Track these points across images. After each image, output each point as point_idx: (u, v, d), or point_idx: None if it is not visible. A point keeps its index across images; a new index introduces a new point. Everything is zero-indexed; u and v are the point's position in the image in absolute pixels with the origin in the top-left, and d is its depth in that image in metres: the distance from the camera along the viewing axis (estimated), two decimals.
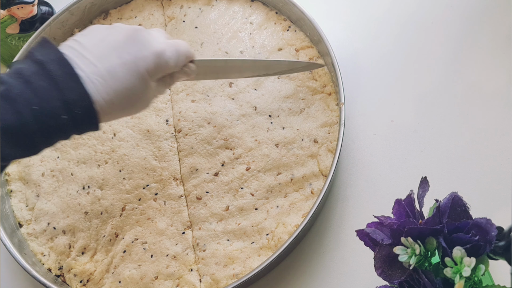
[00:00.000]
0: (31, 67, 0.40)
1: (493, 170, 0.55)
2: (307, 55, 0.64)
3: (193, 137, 0.61)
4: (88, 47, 0.43)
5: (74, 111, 0.40)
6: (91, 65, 0.42)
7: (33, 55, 0.41)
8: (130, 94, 0.44)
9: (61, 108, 0.39)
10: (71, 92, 0.40)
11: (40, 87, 0.39)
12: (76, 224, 0.60)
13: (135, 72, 0.43)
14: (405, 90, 0.62)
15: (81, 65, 0.41)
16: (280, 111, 0.60)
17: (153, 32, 0.46)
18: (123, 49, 0.44)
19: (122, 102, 0.43)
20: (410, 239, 0.35)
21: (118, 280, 0.56)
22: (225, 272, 0.53)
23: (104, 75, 0.42)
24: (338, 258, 0.55)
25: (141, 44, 0.44)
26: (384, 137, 0.60)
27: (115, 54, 0.43)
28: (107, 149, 0.62)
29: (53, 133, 0.40)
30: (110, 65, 0.42)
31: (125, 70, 0.43)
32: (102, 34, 0.44)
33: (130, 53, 0.44)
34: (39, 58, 0.40)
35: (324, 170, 0.56)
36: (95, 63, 0.42)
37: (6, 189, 0.63)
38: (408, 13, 0.68)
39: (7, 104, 0.38)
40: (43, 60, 0.40)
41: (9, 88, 0.38)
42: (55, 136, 0.41)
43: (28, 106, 0.38)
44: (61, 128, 0.40)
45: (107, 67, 0.42)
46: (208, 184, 0.58)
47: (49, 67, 0.40)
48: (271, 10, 0.68)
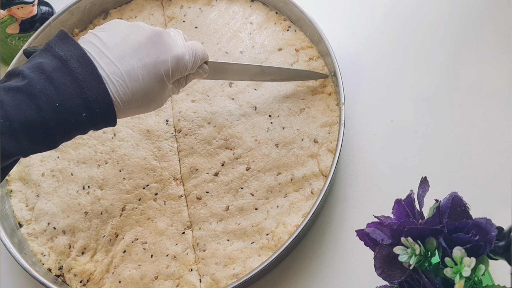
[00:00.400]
0: (53, 62, 0.40)
1: (493, 170, 0.55)
2: (307, 55, 0.64)
3: (193, 137, 0.61)
4: (109, 46, 0.43)
5: (94, 109, 0.41)
6: (112, 64, 0.42)
7: (53, 49, 0.41)
8: (147, 95, 0.44)
9: (82, 106, 0.40)
10: (93, 91, 0.40)
11: (63, 84, 0.39)
12: (76, 224, 0.60)
13: (154, 75, 0.44)
14: (405, 90, 0.62)
15: (102, 64, 0.41)
16: (280, 111, 0.60)
17: (172, 33, 0.47)
18: (143, 51, 0.44)
19: (138, 102, 0.44)
20: (410, 239, 0.35)
21: (118, 280, 0.56)
22: (225, 272, 0.53)
23: (123, 76, 0.42)
24: (338, 258, 0.55)
25: (162, 48, 0.45)
26: (384, 137, 0.60)
27: (136, 56, 0.43)
28: (107, 149, 0.62)
29: (72, 129, 0.41)
30: (131, 66, 0.43)
31: (144, 72, 0.43)
32: (124, 33, 0.44)
33: (150, 56, 0.44)
34: (61, 53, 0.40)
35: (324, 170, 0.56)
36: (115, 63, 0.42)
37: (6, 189, 0.63)
38: (408, 13, 0.68)
39: (30, 100, 0.38)
40: (65, 57, 0.40)
41: (32, 84, 0.39)
42: (73, 131, 0.42)
43: (50, 103, 0.39)
44: (80, 124, 0.41)
45: (128, 68, 0.42)
46: (208, 184, 0.58)
47: (71, 64, 0.40)
48: (271, 10, 0.68)
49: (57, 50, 0.41)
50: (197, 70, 0.51)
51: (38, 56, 0.41)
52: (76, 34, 0.72)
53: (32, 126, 0.38)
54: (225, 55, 0.65)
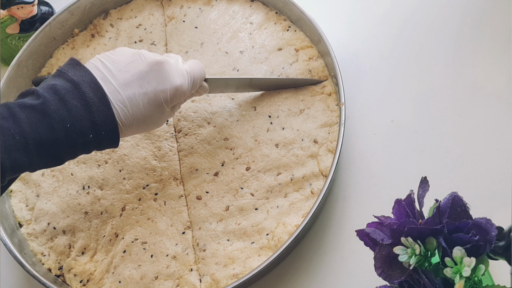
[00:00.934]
0: (66, 85, 0.43)
1: (493, 170, 0.55)
2: (307, 55, 0.64)
3: (193, 137, 0.61)
4: (114, 73, 0.46)
5: (101, 132, 0.44)
6: (115, 91, 0.45)
7: (66, 74, 0.44)
8: (146, 119, 0.47)
9: (90, 128, 0.43)
10: (101, 114, 0.43)
11: (74, 106, 0.42)
12: (76, 224, 0.60)
13: (154, 102, 0.47)
14: (405, 90, 0.62)
15: (106, 90, 0.44)
16: (279, 111, 0.60)
17: (173, 62, 0.49)
18: (145, 79, 0.46)
19: (138, 125, 0.47)
20: (410, 239, 0.35)
21: (118, 280, 0.56)
22: (225, 272, 0.53)
23: (125, 102, 0.45)
24: (338, 258, 0.55)
25: (162, 77, 0.47)
26: (384, 137, 0.60)
27: (137, 83, 0.46)
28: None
29: (79, 148, 0.44)
30: (132, 93, 0.45)
31: (145, 99, 0.46)
32: (127, 60, 0.47)
33: (151, 84, 0.47)
34: (73, 78, 0.44)
35: (324, 170, 0.56)
36: (118, 90, 0.45)
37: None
38: (408, 13, 0.68)
39: (44, 119, 0.41)
40: (77, 81, 0.43)
41: (46, 103, 0.41)
42: (80, 151, 0.45)
43: (62, 123, 0.42)
44: (87, 145, 0.44)
45: (130, 95, 0.45)
46: (208, 184, 0.58)
47: (83, 89, 0.43)
48: (271, 10, 0.68)
49: (69, 75, 0.44)
50: (197, 90, 0.54)
51: (51, 79, 0.44)
52: (76, 34, 0.72)
53: (44, 144, 0.41)
54: (225, 55, 0.65)
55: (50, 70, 0.70)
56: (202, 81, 0.54)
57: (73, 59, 0.46)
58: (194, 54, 0.66)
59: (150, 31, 0.70)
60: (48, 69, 0.70)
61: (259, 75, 0.63)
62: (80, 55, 0.70)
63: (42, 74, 0.70)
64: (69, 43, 0.72)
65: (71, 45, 0.72)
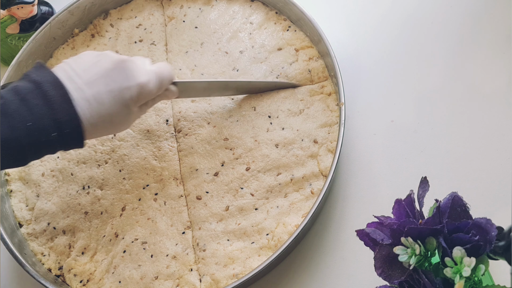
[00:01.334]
0: (27, 85, 0.43)
1: (493, 170, 0.55)
2: (307, 55, 0.64)
3: (193, 137, 0.61)
4: (78, 72, 0.46)
5: (64, 130, 0.43)
6: (79, 89, 0.45)
7: (29, 76, 0.44)
8: (113, 118, 0.47)
9: (52, 126, 0.43)
10: (63, 112, 0.43)
11: (35, 105, 0.42)
12: (76, 224, 0.60)
13: (119, 100, 0.47)
14: (405, 90, 0.62)
15: (72, 89, 0.44)
16: (279, 111, 0.60)
17: (138, 61, 0.49)
18: (110, 77, 0.47)
19: (105, 125, 0.47)
20: (410, 239, 0.35)
21: (118, 280, 0.56)
22: (225, 272, 0.53)
23: (90, 100, 0.45)
24: (338, 258, 0.55)
25: (126, 75, 0.47)
26: (384, 137, 0.60)
27: (103, 81, 0.46)
28: (107, 149, 0.62)
29: (42, 148, 0.44)
30: (97, 91, 0.46)
31: (110, 97, 0.46)
32: (92, 61, 0.47)
33: (116, 82, 0.47)
34: (36, 78, 0.44)
35: (324, 170, 0.56)
36: (83, 88, 0.45)
37: (6, 189, 0.63)
38: (408, 13, 0.68)
39: (4, 119, 0.41)
40: (39, 80, 0.43)
41: (7, 103, 0.42)
42: (43, 150, 0.45)
43: (23, 122, 0.42)
44: (50, 144, 0.44)
45: (94, 93, 0.45)
46: (208, 184, 0.58)
47: (44, 87, 0.43)
48: (271, 10, 0.68)
49: (32, 76, 0.44)
50: (164, 92, 0.53)
51: (15, 82, 0.45)
52: (76, 34, 0.72)
53: (5, 143, 0.41)
54: (225, 55, 0.65)
55: None
56: (170, 84, 0.53)
57: (39, 62, 0.47)
58: (194, 54, 0.66)
59: (150, 31, 0.70)
60: None
61: (258, 74, 0.63)
62: None
63: None
64: (69, 43, 0.72)
65: (71, 45, 0.72)
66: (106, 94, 0.46)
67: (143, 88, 0.48)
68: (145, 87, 0.48)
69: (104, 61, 0.48)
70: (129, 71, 0.48)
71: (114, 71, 0.47)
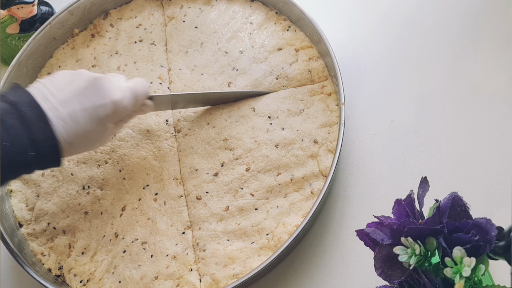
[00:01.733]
0: (4, 106, 0.44)
1: (493, 170, 0.55)
2: (307, 55, 0.64)
3: (193, 138, 0.61)
4: (52, 91, 0.46)
5: (41, 149, 0.44)
6: (54, 109, 0.45)
7: (5, 97, 0.45)
8: (88, 136, 0.48)
9: (29, 146, 0.43)
10: (40, 132, 0.43)
11: (12, 125, 0.43)
12: (76, 224, 0.60)
13: (94, 118, 0.47)
14: (405, 90, 0.62)
15: (47, 108, 0.45)
16: (279, 112, 0.60)
17: (113, 78, 0.50)
18: (84, 95, 0.47)
19: (81, 142, 0.47)
20: (410, 239, 0.35)
21: (118, 280, 0.56)
22: (225, 272, 0.53)
23: (65, 118, 0.45)
24: (338, 258, 0.55)
25: (101, 92, 0.48)
26: (384, 137, 0.60)
27: (77, 100, 0.47)
28: (107, 149, 0.62)
29: (19, 167, 0.44)
30: (72, 110, 0.46)
31: (85, 115, 0.47)
32: (67, 80, 0.48)
33: (90, 100, 0.47)
34: (12, 99, 0.44)
35: (324, 170, 0.56)
36: (57, 107, 0.45)
37: (6, 189, 0.63)
38: (408, 13, 0.68)
39: None
40: (15, 101, 0.44)
41: None
42: (20, 170, 0.45)
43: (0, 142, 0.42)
44: (27, 163, 0.44)
45: (69, 111, 0.46)
46: (208, 184, 0.58)
47: (21, 108, 0.43)
48: (271, 10, 0.68)
49: (8, 97, 0.44)
50: (140, 107, 0.54)
51: None
52: (76, 34, 0.72)
53: None
54: (225, 55, 0.65)
55: (50, 70, 0.70)
56: (146, 99, 0.54)
57: (15, 83, 0.47)
58: (194, 54, 0.66)
59: (150, 31, 0.70)
60: (48, 69, 0.70)
61: (258, 75, 0.63)
62: (80, 55, 0.70)
63: (42, 74, 0.70)
64: (69, 43, 0.72)
65: (71, 45, 0.72)
66: (81, 112, 0.46)
67: (117, 105, 0.49)
68: (119, 104, 0.49)
69: (78, 79, 0.48)
70: (103, 88, 0.48)
71: (88, 89, 0.47)
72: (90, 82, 0.48)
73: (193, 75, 0.65)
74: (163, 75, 0.66)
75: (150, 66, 0.67)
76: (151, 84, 0.66)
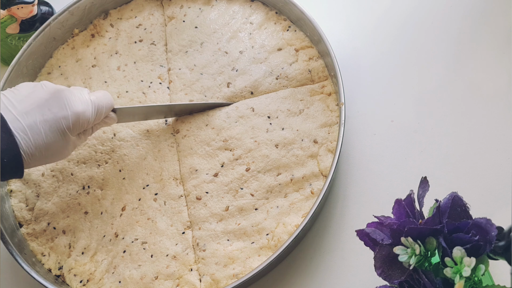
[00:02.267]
0: None
1: (493, 170, 0.55)
2: (307, 55, 0.64)
3: (192, 138, 0.61)
4: (13, 103, 0.46)
5: (2, 159, 0.44)
6: (15, 120, 0.45)
7: None
8: (50, 148, 0.47)
9: None
10: (2, 142, 0.43)
11: None
12: (76, 224, 0.60)
13: (56, 129, 0.47)
14: (405, 90, 0.62)
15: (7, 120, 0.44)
16: (279, 112, 0.60)
17: (75, 91, 0.50)
18: (45, 106, 0.47)
19: (42, 154, 0.47)
20: (410, 239, 0.35)
21: (118, 280, 0.56)
22: (225, 272, 0.53)
23: (26, 130, 0.45)
24: (338, 258, 0.55)
25: (63, 104, 0.48)
26: (384, 137, 0.60)
27: (39, 111, 0.46)
28: (107, 149, 0.62)
29: None
30: (33, 121, 0.46)
31: (46, 127, 0.46)
32: (28, 91, 0.48)
33: (52, 111, 0.47)
34: None
35: (324, 170, 0.56)
36: (18, 118, 0.45)
37: (6, 189, 0.63)
38: (408, 13, 0.68)
39: None
40: None
41: None
42: None
43: None
44: None
45: (30, 123, 0.46)
46: (208, 184, 0.58)
47: None
48: (271, 10, 0.68)
49: None
50: (103, 120, 0.54)
51: None
52: (76, 34, 0.72)
53: None
54: (225, 55, 0.65)
55: (50, 70, 0.70)
56: (110, 111, 0.54)
57: None
58: (194, 54, 0.66)
59: (150, 31, 0.70)
60: (48, 69, 0.70)
61: (258, 75, 0.63)
62: (80, 55, 0.70)
63: (42, 74, 0.70)
64: (69, 43, 0.72)
65: (71, 45, 0.72)
66: (42, 124, 0.46)
67: (79, 117, 0.49)
68: (81, 116, 0.49)
69: (40, 91, 0.48)
70: (65, 100, 0.48)
71: (49, 100, 0.47)
72: (52, 93, 0.48)
73: (193, 75, 0.65)
74: (163, 75, 0.66)
75: (150, 66, 0.67)
76: (151, 83, 0.66)
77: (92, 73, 0.68)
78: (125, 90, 0.66)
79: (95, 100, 0.51)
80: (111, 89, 0.66)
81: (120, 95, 0.65)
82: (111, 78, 0.67)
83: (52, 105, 0.47)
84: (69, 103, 0.48)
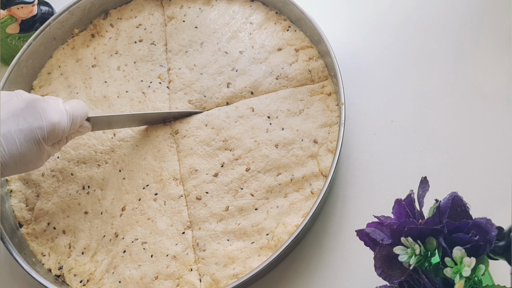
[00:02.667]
0: None
1: (493, 170, 0.55)
2: (307, 55, 0.64)
3: (192, 139, 0.61)
4: None
5: None
6: None
7: None
8: (24, 158, 0.47)
9: None
10: None
11: None
12: (76, 224, 0.60)
13: (30, 139, 0.47)
14: (405, 90, 0.62)
15: None
16: (278, 112, 0.60)
17: (50, 100, 0.50)
18: (20, 116, 0.47)
19: (16, 164, 0.47)
20: (410, 239, 0.35)
21: (118, 280, 0.56)
22: (225, 272, 0.53)
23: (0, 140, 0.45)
24: (338, 258, 0.55)
25: (38, 114, 0.47)
26: (384, 137, 0.60)
27: (13, 121, 0.46)
28: (107, 149, 0.62)
29: None
30: (7, 130, 0.45)
31: (21, 137, 0.46)
32: (3, 100, 0.47)
33: (27, 121, 0.47)
34: None
35: (324, 170, 0.56)
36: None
37: (6, 189, 0.63)
38: (408, 13, 0.68)
39: None
40: None
41: None
42: None
43: None
44: None
45: (4, 132, 0.45)
46: (208, 184, 0.58)
47: None
48: (271, 10, 0.68)
49: None
50: (78, 129, 0.54)
51: None
52: (76, 34, 0.72)
53: None
54: (225, 55, 0.65)
55: (50, 70, 0.70)
56: (84, 120, 0.54)
57: None
58: (194, 53, 0.66)
59: (150, 31, 0.70)
60: (48, 69, 0.70)
61: (258, 75, 0.63)
62: (80, 55, 0.70)
63: (42, 74, 0.70)
64: (69, 43, 0.72)
65: (71, 45, 0.72)
66: (17, 134, 0.46)
67: (55, 127, 0.48)
68: (57, 127, 0.49)
69: (15, 100, 0.47)
70: (40, 110, 0.48)
71: (24, 110, 0.47)
72: (27, 103, 0.48)
73: (192, 75, 0.65)
74: (163, 75, 0.66)
75: (150, 66, 0.67)
76: (151, 83, 0.66)
77: (92, 73, 0.68)
78: (125, 90, 0.66)
79: (70, 110, 0.51)
80: (111, 89, 0.66)
81: (120, 95, 0.65)
82: (111, 78, 0.67)
83: (27, 115, 0.47)
84: (44, 113, 0.48)
